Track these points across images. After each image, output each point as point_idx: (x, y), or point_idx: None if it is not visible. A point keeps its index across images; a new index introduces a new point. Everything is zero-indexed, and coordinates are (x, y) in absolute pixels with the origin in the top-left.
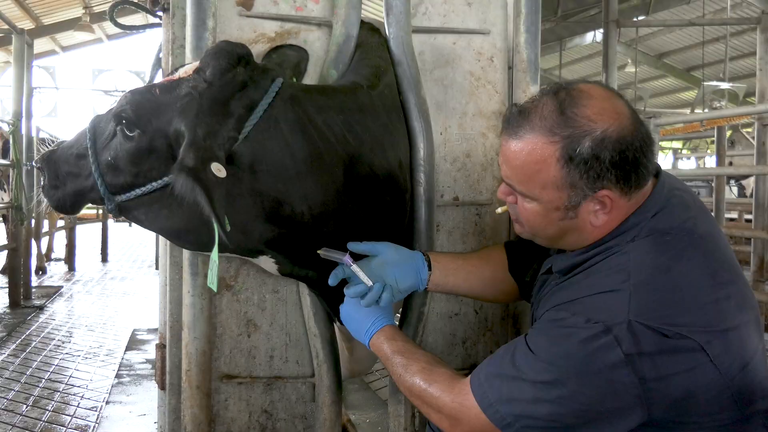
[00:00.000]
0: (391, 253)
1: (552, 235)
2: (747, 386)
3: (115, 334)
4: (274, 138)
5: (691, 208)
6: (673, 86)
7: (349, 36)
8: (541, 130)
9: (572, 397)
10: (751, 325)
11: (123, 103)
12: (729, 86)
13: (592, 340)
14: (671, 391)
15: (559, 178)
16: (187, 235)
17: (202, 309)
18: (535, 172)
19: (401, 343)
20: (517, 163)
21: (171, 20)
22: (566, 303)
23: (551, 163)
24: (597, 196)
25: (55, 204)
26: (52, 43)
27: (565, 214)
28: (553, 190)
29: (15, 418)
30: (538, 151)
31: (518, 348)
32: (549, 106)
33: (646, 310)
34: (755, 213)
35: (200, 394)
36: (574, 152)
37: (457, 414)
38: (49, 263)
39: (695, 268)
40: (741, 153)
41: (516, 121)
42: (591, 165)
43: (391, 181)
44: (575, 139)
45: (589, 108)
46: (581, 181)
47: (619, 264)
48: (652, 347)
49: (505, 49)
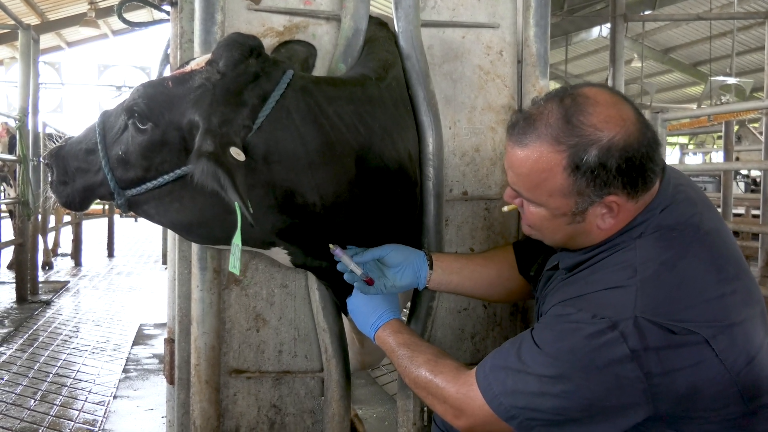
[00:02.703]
0: (393, 253)
1: (559, 239)
2: (753, 381)
3: (121, 329)
4: (287, 128)
5: (696, 204)
6: (680, 81)
7: (357, 30)
8: (547, 139)
9: (577, 391)
10: (757, 320)
11: (135, 96)
12: (736, 81)
13: (598, 336)
14: (677, 386)
15: (566, 186)
16: (198, 229)
17: (211, 304)
18: (541, 180)
19: (407, 336)
20: (523, 171)
21: (179, 14)
22: (572, 299)
23: (558, 171)
24: (604, 202)
25: (64, 200)
26: (57, 38)
27: (573, 219)
28: (560, 197)
29: (23, 412)
30: (544, 159)
31: (524, 342)
32: (554, 113)
33: (653, 307)
34: (763, 208)
35: (209, 389)
36: (581, 161)
37: (461, 404)
38: (55, 258)
39: (701, 263)
40: (748, 148)
41: (521, 128)
42: (598, 173)
43: (402, 172)
44: (581, 147)
45: (595, 116)
46: (588, 189)
47: (626, 260)
48: (658, 343)
49: (515, 43)
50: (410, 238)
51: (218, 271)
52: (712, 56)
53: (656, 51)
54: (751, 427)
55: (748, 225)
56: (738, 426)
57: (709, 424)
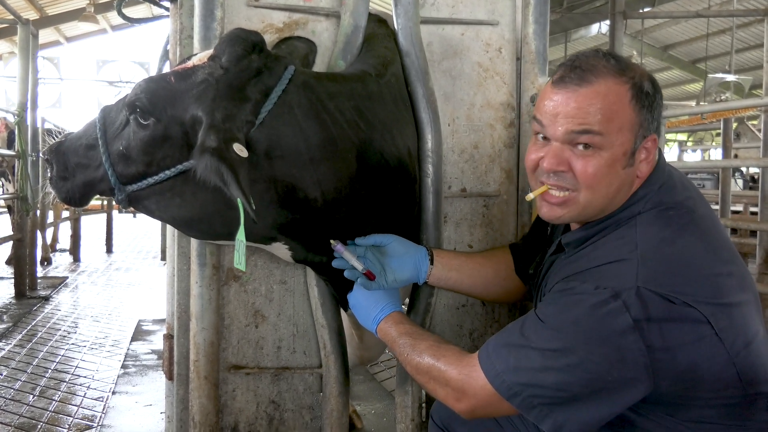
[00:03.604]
0: (394, 244)
1: (613, 192)
2: (751, 366)
3: (120, 324)
4: (289, 123)
5: (689, 189)
6: (679, 78)
7: (357, 26)
8: (612, 72)
9: (580, 365)
10: (752, 307)
11: (137, 91)
12: (735, 78)
13: (601, 306)
14: (677, 362)
15: (632, 117)
16: (199, 224)
17: (210, 300)
18: (613, 112)
19: (408, 326)
20: (596, 107)
21: (179, 11)
22: (575, 274)
23: (626, 102)
24: (647, 141)
25: (64, 196)
26: (56, 33)
27: (628, 161)
28: (627, 131)
29: (22, 408)
30: (614, 91)
31: (528, 319)
32: (601, 59)
33: (654, 278)
34: (761, 205)
35: (208, 385)
36: (641, 91)
37: (463, 386)
38: (54, 254)
39: (698, 242)
40: (746, 146)
41: (576, 74)
42: (653, 104)
43: (402, 168)
44: (639, 79)
45: (628, 60)
46: (645, 122)
47: (627, 236)
48: (659, 313)
49: (514, 40)
50: (409, 235)
51: (217, 267)
52: (710, 53)
53: (655, 48)
54: (749, 416)
55: (746, 222)
56: (736, 415)
57: (709, 408)
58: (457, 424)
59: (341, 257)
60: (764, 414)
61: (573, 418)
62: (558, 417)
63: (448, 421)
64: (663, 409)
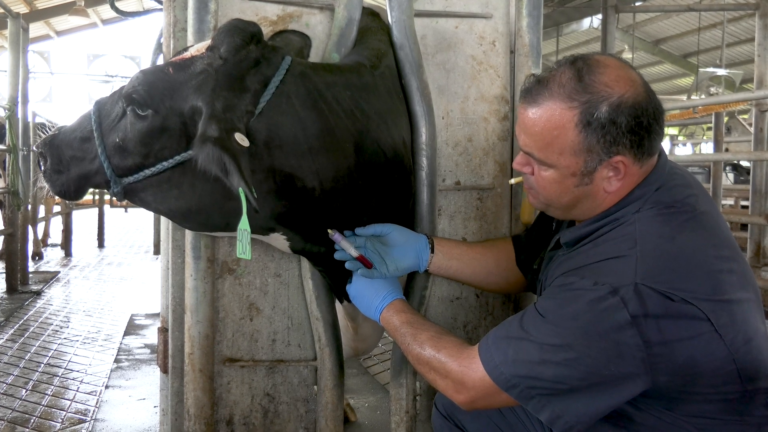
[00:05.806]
0: (395, 233)
1: (566, 203)
2: (751, 362)
3: (112, 319)
4: (287, 113)
5: (692, 187)
6: (670, 72)
7: (351, 19)
8: (560, 97)
9: (578, 359)
10: (753, 304)
11: (135, 83)
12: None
13: (599, 302)
14: (675, 358)
15: (577, 143)
16: (197, 215)
17: (204, 293)
18: (553, 137)
19: (410, 315)
20: (536, 130)
21: (172, 3)
22: (574, 269)
23: (570, 128)
24: (612, 162)
25: (59, 189)
26: (46, 27)
27: (581, 180)
28: (570, 155)
29: (14, 402)
30: (557, 116)
31: (527, 312)
32: (567, 74)
33: (652, 275)
34: (752, 199)
35: (203, 378)
36: (592, 117)
37: (462, 378)
38: (45, 249)
39: (699, 239)
40: (737, 139)
41: (535, 89)
42: (608, 129)
43: (398, 159)
44: (593, 104)
45: (606, 75)
46: (598, 146)
47: (626, 233)
48: (657, 310)
49: (507, 34)
50: (406, 226)
51: (212, 260)
52: (701, 48)
53: (647, 42)
54: (748, 411)
55: (737, 216)
56: (735, 410)
57: (708, 403)
58: (460, 412)
59: (340, 248)
60: (763, 409)
61: (570, 410)
62: (556, 408)
63: (452, 410)
64: (662, 403)
